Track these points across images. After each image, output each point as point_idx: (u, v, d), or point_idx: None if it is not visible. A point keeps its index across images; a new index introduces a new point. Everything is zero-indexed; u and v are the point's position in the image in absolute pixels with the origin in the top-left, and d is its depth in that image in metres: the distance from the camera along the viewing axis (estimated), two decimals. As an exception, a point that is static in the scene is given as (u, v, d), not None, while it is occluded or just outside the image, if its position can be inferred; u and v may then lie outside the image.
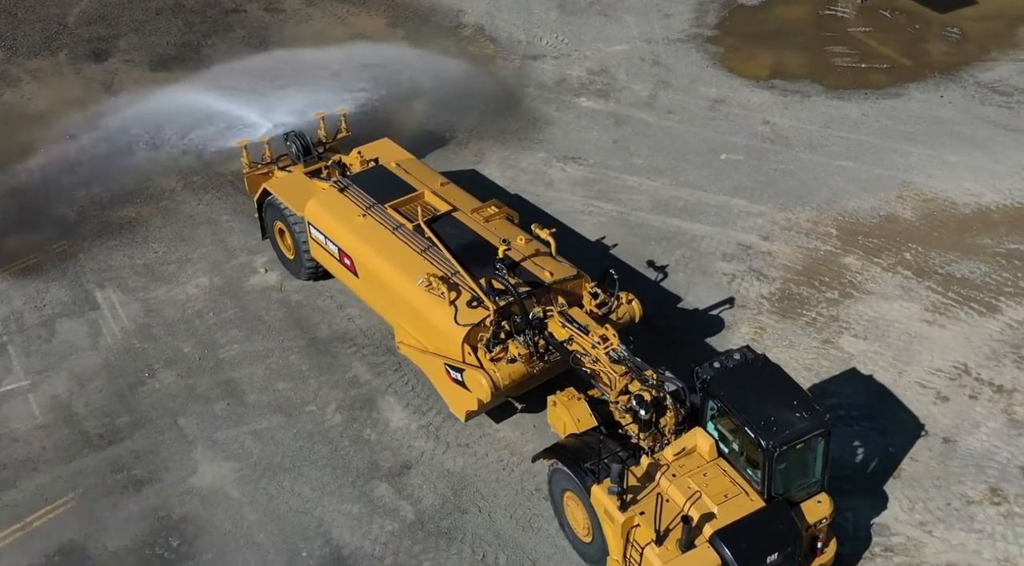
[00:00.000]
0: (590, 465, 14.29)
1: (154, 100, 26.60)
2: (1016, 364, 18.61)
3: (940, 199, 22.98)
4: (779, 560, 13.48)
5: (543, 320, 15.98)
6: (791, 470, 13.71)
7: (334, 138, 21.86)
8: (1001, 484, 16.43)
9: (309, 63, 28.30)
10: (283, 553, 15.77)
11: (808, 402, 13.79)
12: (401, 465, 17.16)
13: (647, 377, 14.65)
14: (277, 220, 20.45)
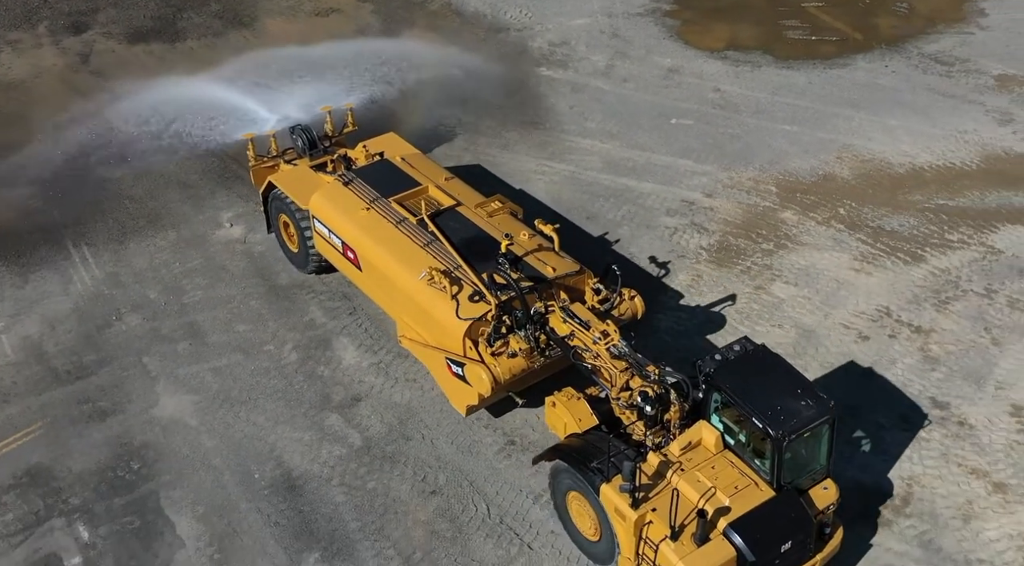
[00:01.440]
0: (597, 464, 14.10)
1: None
2: (935, 307, 19.71)
3: (877, 160, 24.08)
4: (792, 548, 13.45)
5: (544, 315, 15.88)
6: (799, 458, 13.71)
7: (340, 132, 21.89)
8: (911, 413, 17.52)
9: (278, 34, 29.44)
10: (237, 475, 16.82)
11: (811, 389, 13.77)
12: (351, 398, 18.21)
13: (648, 373, 14.63)
14: (282, 213, 20.38)
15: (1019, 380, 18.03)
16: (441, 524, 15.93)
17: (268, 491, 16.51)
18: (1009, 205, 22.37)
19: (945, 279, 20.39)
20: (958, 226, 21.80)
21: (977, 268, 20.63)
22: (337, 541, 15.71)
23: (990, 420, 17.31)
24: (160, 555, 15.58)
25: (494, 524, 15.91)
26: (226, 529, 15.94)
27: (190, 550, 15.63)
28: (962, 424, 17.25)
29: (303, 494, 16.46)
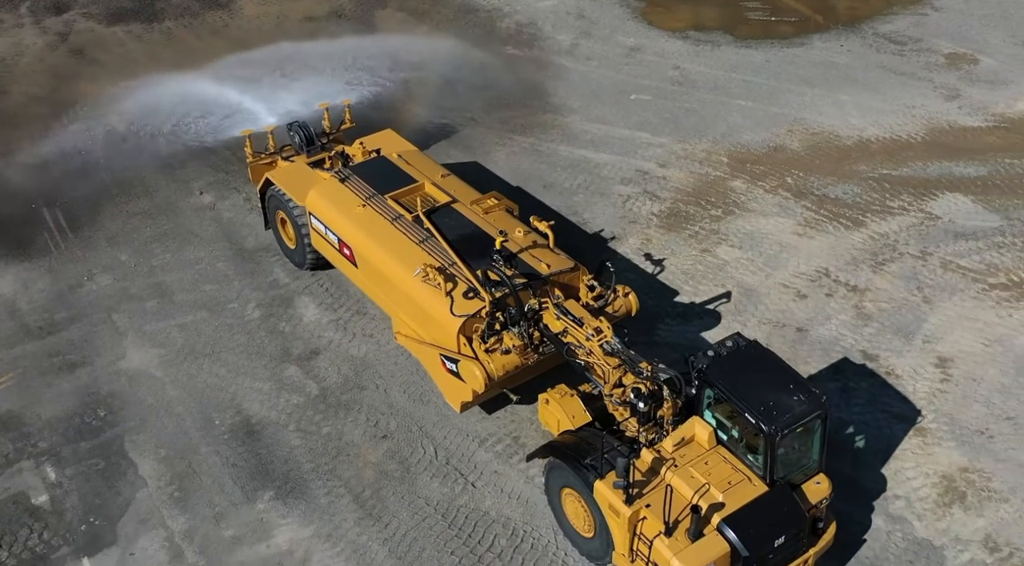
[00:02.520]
0: (591, 461, 14.13)
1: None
2: (872, 268, 20.59)
3: (826, 133, 24.97)
4: (786, 543, 13.50)
5: (538, 312, 15.92)
6: (792, 453, 13.75)
7: (338, 129, 22.00)
8: (842, 364, 18.40)
9: (252, 16, 30.28)
10: (198, 421, 17.65)
11: (804, 384, 13.85)
12: (310, 352, 19.05)
13: (641, 369, 14.65)
14: (279, 210, 20.45)
15: (946, 334, 18.93)
16: (391, 465, 16.79)
17: (227, 436, 17.36)
18: (949, 174, 23.27)
19: (883, 243, 21.27)
20: (899, 194, 22.69)
21: (914, 232, 21.52)
22: (291, 480, 16.56)
23: (916, 371, 18.20)
24: (123, 493, 16.43)
25: (440, 465, 16.77)
26: (186, 470, 16.79)
27: (151, 489, 16.48)
28: (889, 374, 18.14)
29: (260, 439, 17.31)
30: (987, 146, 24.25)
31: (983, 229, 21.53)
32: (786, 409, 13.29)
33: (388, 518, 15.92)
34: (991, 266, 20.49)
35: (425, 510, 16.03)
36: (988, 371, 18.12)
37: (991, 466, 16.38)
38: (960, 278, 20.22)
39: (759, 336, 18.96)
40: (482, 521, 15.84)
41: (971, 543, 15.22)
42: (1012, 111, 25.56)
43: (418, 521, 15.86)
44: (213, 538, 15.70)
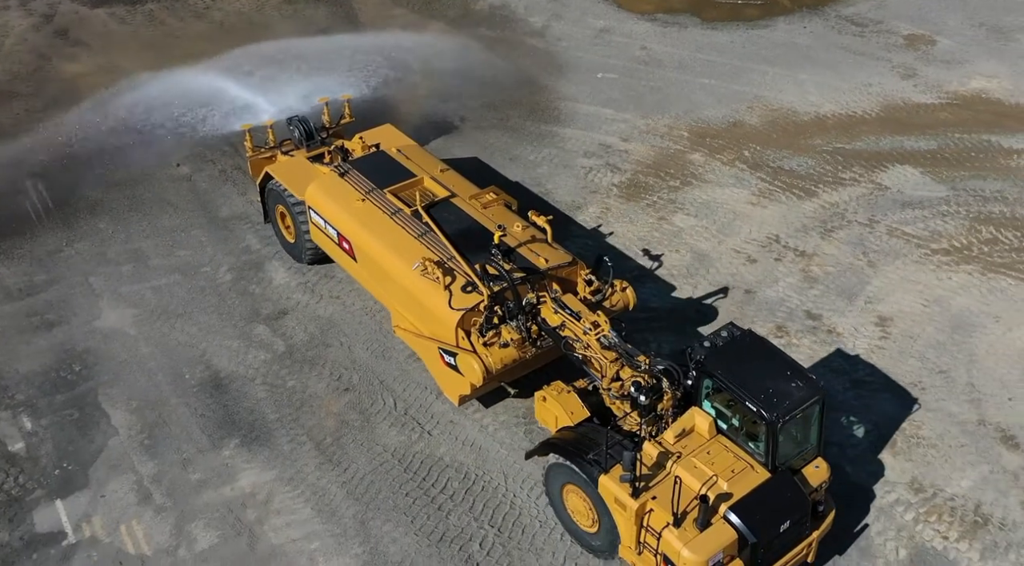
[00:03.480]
0: (594, 456, 14.15)
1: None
2: (820, 235, 21.42)
3: (784, 109, 25.82)
4: (791, 528, 13.62)
5: (536, 306, 15.98)
6: (792, 439, 13.87)
7: (337, 123, 22.10)
8: (786, 323, 19.23)
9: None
10: (169, 376, 18.44)
11: (800, 370, 13.97)
12: (279, 312, 19.85)
13: (639, 362, 14.70)
14: (279, 204, 20.51)
15: (887, 296, 19.76)
16: (352, 415, 17.60)
17: (197, 389, 18.15)
18: (900, 148, 24.11)
19: (833, 211, 22.11)
20: (851, 166, 23.53)
21: (864, 202, 22.36)
22: (256, 429, 17.36)
23: (856, 329, 19.03)
24: (95, 441, 17.22)
25: (399, 415, 17.58)
26: (156, 420, 17.58)
27: (123, 437, 17.26)
28: (831, 332, 18.97)
29: (228, 392, 18.11)
30: (938, 122, 25.10)
31: (929, 199, 22.39)
32: (786, 396, 13.42)
33: (347, 463, 16.72)
34: (935, 233, 21.33)
35: (383, 456, 16.84)
36: (925, 329, 18.96)
37: (921, 415, 17.21)
38: (904, 244, 21.07)
39: (710, 298, 19.82)
40: (437, 466, 16.65)
41: (898, 485, 16.04)
42: (965, 89, 26.42)
43: (376, 466, 16.66)
44: (180, 482, 16.50)
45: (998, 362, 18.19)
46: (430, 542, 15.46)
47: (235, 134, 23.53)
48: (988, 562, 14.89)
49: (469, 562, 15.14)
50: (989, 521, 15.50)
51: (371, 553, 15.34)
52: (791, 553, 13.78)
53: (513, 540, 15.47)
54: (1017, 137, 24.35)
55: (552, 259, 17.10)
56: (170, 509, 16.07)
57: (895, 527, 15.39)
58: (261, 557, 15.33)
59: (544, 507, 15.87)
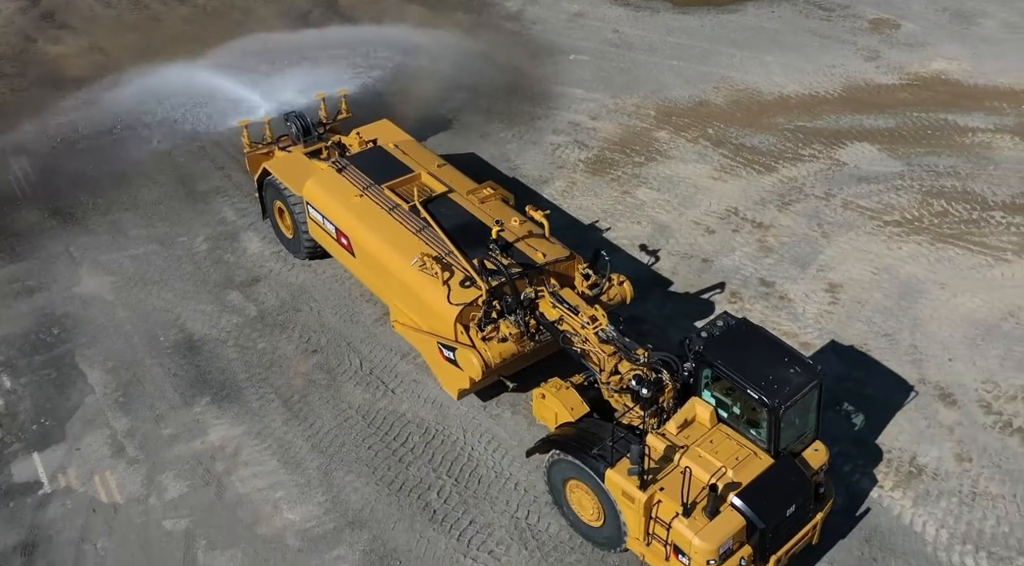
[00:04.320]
0: (598, 451, 14.26)
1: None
2: (778, 208, 22.14)
3: (749, 90, 26.53)
4: (796, 511, 13.83)
5: (534, 300, 16.05)
6: (793, 424, 14.02)
7: (334, 119, 22.12)
8: (740, 289, 19.94)
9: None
10: (144, 338, 19.15)
11: (797, 356, 14.13)
12: (252, 279, 20.54)
13: (637, 356, 14.79)
14: (277, 200, 20.58)
15: (839, 264, 20.48)
16: (319, 375, 18.31)
17: (171, 350, 18.86)
18: (860, 126, 24.84)
19: (791, 186, 22.83)
20: (811, 143, 24.25)
21: (821, 177, 23.08)
22: (227, 388, 18.07)
23: (807, 295, 19.75)
24: (72, 398, 17.92)
25: (364, 374, 18.29)
26: (131, 379, 18.29)
27: (98, 395, 17.97)
28: (782, 298, 19.70)
29: (201, 353, 18.81)
30: (898, 101, 25.83)
31: (885, 174, 23.12)
32: (786, 382, 13.57)
33: (313, 419, 17.44)
34: (888, 205, 22.06)
35: (347, 412, 17.55)
36: (873, 295, 19.69)
37: (865, 375, 17.94)
38: (858, 216, 21.79)
39: (668, 266, 20.56)
40: (399, 421, 17.37)
41: (840, 439, 16.73)
42: (925, 70, 27.15)
43: (340, 421, 17.38)
44: (152, 436, 17.22)
45: (941, 326, 18.92)
46: (390, 491, 16.18)
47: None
48: (920, 509, 15.62)
49: (427, 510, 15.87)
50: (923, 471, 16.23)
51: (333, 501, 16.06)
52: (797, 536, 14.04)
53: (469, 489, 16.20)
54: (972, 116, 25.08)
55: (549, 254, 17.25)
56: (142, 461, 16.79)
57: (835, 478, 16.09)
58: (228, 504, 16.05)
59: (500, 459, 16.63)
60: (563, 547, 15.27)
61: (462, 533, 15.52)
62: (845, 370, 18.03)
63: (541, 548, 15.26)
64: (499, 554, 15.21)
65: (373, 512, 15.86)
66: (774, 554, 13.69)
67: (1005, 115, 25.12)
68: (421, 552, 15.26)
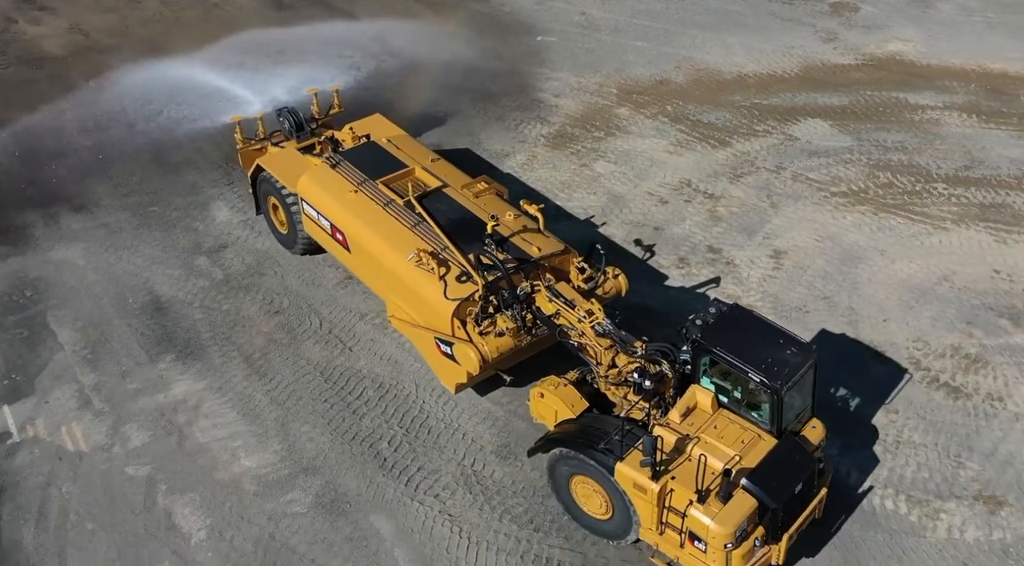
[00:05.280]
0: (606, 445, 14.35)
1: None
2: (730, 180, 22.92)
3: (709, 69, 27.32)
4: (802, 488, 14.07)
5: (531, 294, 16.12)
6: (793, 404, 14.28)
7: (327, 114, 22.06)
8: (688, 255, 20.72)
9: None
10: (114, 300, 19.90)
11: (791, 337, 14.35)
12: (219, 246, 21.30)
13: (635, 349, 14.90)
14: (271, 195, 20.56)
15: (785, 233, 21.26)
16: (280, 334, 19.07)
17: (139, 311, 19.62)
18: (814, 103, 25.64)
19: (744, 159, 23.62)
20: (766, 119, 25.05)
21: (773, 151, 23.87)
22: (191, 346, 18.83)
23: (752, 261, 20.54)
24: (42, 356, 18.67)
25: (324, 334, 19.05)
26: (99, 337, 19.04)
27: (68, 352, 18.72)
28: (728, 263, 20.48)
29: (167, 314, 19.57)
30: (853, 80, 26.63)
31: (835, 148, 23.91)
32: (785, 363, 13.82)
33: (272, 374, 18.20)
34: (835, 178, 22.85)
35: (306, 369, 18.32)
36: (815, 261, 20.48)
37: (802, 331, 18.61)
38: (806, 188, 22.59)
39: (620, 235, 21.34)
40: (355, 377, 18.14)
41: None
42: (881, 51, 27.96)
43: (299, 377, 18.14)
44: (118, 390, 17.97)
45: (878, 289, 19.72)
46: (343, 440, 16.95)
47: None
48: (846, 456, 16.41)
49: (377, 458, 16.64)
50: (850, 422, 17.01)
51: (288, 450, 16.83)
52: (805, 512, 14.30)
53: (419, 439, 16.97)
54: (923, 94, 25.89)
55: (545, 248, 17.29)
56: (107, 413, 17.54)
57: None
58: (188, 453, 16.81)
59: (450, 411, 17.41)
60: (505, 491, 16.07)
61: (410, 479, 16.31)
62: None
63: (485, 492, 16.06)
64: (444, 498, 16.00)
65: (326, 460, 16.64)
66: (786, 532, 13.96)
67: (955, 93, 25.94)
68: (371, 496, 16.05)
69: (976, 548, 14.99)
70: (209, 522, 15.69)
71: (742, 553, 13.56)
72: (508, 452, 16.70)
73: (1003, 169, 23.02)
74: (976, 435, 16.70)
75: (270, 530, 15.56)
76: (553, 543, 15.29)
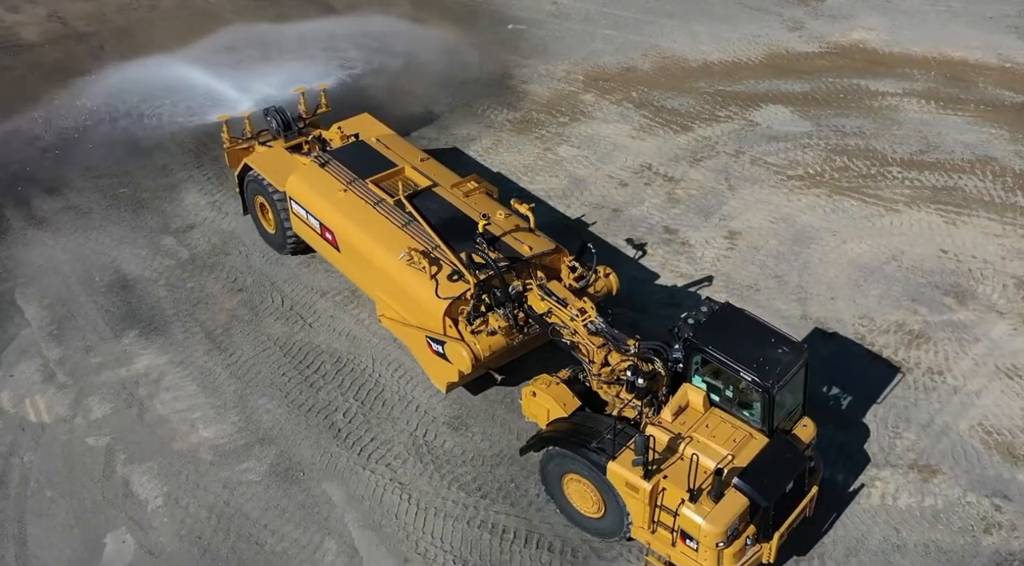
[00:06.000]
0: (598, 444, 14.38)
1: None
2: (689, 164, 23.37)
3: (676, 57, 27.77)
4: (794, 486, 14.15)
5: (522, 293, 16.21)
6: (785, 402, 14.33)
7: (314, 113, 21.95)
8: (645, 236, 21.17)
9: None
10: (81, 279, 20.31)
11: (782, 336, 14.39)
12: (187, 226, 21.72)
13: (628, 347, 14.97)
14: (258, 195, 20.43)
15: (740, 214, 21.71)
16: (242, 311, 19.50)
17: (105, 289, 20.04)
18: (776, 90, 26.10)
19: (705, 144, 24.07)
20: (728, 105, 25.49)
21: (734, 136, 24.32)
22: (155, 322, 19.26)
23: (707, 241, 20.99)
24: (8, 331, 19.09)
25: (285, 310, 19.48)
26: (66, 314, 19.46)
27: (34, 328, 19.14)
28: (683, 244, 20.92)
29: (133, 291, 19.99)
30: (816, 68, 27.09)
31: (794, 133, 24.37)
32: (777, 362, 13.87)
33: (233, 349, 18.63)
34: (793, 161, 23.31)
35: (266, 344, 18.74)
36: (769, 241, 20.93)
37: (753, 309, 19.02)
38: (764, 171, 23.04)
39: (580, 215, 21.76)
40: (313, 352, 18.57)
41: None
42: (845, 40, 28.42)
43: (259, 352, 18.57)
44: (82, 364, 18.39)
45: (828, 268, 20.17)
46: (300, 412, 17.38)
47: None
48: (787, 427, 16.88)
49: (332, 428, 17.08)
50: (795, 395, 17.49)
51: (246, 421, 17.27)
52: (796, 510, 14.36)
53: (373, 411, 17.41)
54: (884, 81, 26.36)
55: (536, 247, 17.32)
56: (70, 386, 17.96)
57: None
58: (148, 424, 17.24)
59: (405, 384, 17.84)
60: (455, 460, 16.51)
61: (363, 448, 16.75)
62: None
63: (435, 461, 16.50)
64: (396, 467, 16.44)
65: (282, 431, 17.08)
66: (777, 530, 14.02)
67: (915, 80, 26.41)
68: (324, 465, 16.49)
69: (908, 514, 15.45)
70: (166, 490, 16.13)
71: (733, 551, 13.69)
72: (460, 423, 17.16)
73: (957, 153, 23.49)
74: (914, 407, 17.17)
75: (225, 497, 16.01)
76: (499, 510, 15.74)
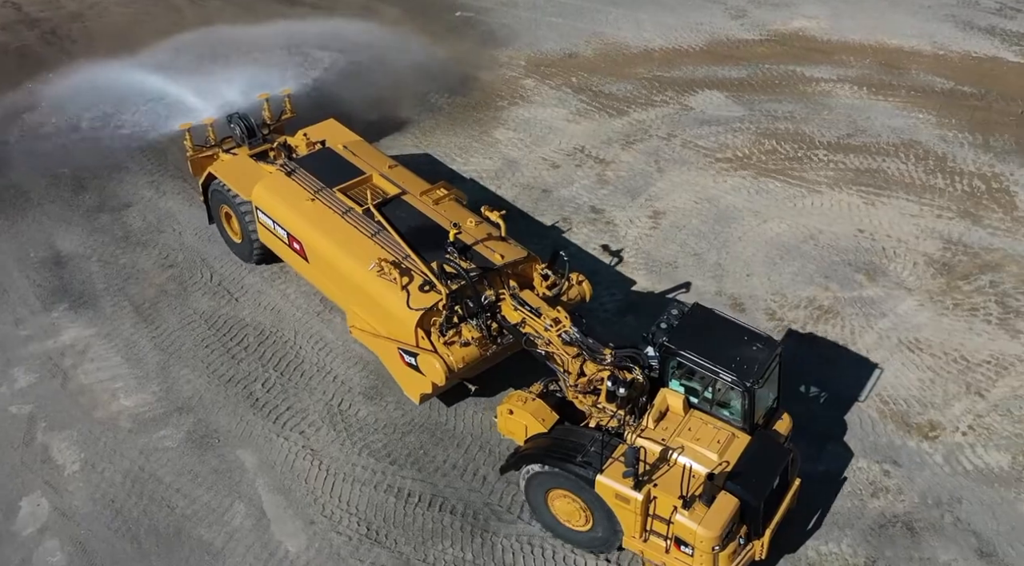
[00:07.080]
0: (584, 458, 14.17)
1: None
2: (622, 147, 23.82)
3: (618, 43, 28.23)
4: (780, 481, 14.19)
5: (496, 303, 16.01)
6: (763, 399, 14.39)
7: (278, 119, 21.55)
8: (572, 215, 21.63)
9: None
10: (16, 255, 20.66)
11: (753, 332, 14.43)
12: (124, 204, 22.11)
13: (603, 356, 14.80)
14: (223, 204, 20.00)
15: (667, 195, 22.18)
16: (171, 286, 19.90)
17: (38, 265, 20.43)
18: (713, 76, 26.56)
19: (639, 128, 24.53)
20: (665, 90, 25.95)
21: (668, 120, 24.78)
22: (84, 296, 19.66)
23: (631, 220, 21.44)
24: (-60, 305, 19.55)
25: (214, 286, 19.89)
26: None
27: (-35, 302, 19.60)
28: (608, 223, 21.38)
29: (65, 267, 20.39)
30: (754, 55, 27.57)
31: (727, 117, 24.84)
32: (753, 360, 13.90)
33: (160, 322, 19.04)
34: (723, 145, 23.78)
35: (192, 318, 19.16)
36: (691, 221, 21.40)
37: (668, 285, 19.66)
38: (694, 154, 23.50)
39: (510, 195, 22.21)
40: (238, 325, 18.99)
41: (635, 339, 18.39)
42: (786, 28, 28.91)
43: (184, 325, 18.99)
44: (10, 337, 18.79)
45: (746, 247, 20.64)
46: (219, 382, 17.81)
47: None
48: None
49: (250, 398, 17.51)
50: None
51: (167, 390, 17.68)
52: (783, 504, 14.44)
53: (292, 381, 17.84)
54: (820, 68, 26.84)
55: (507, 255, 17.00)
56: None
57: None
58: (70, 393, 17.65)
59: (325, 356, 18.27)
60: (367, 428, 16.96)
61: (279, 417, 17.18)
62: (650, 283, 19.73)
63: (348, 429, 16.94)
64: (309, 434, 16.88)
65: (201, 400, 17.50)
66: (768, 526, 14.09)
67: (849, 67, 26.90)
68: (239, 432, 16.91)
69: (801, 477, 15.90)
70: (83, 456, 16.54)
71: (728, 553, 13.76)
72: (375, 393, 17.59)
73: (883, 137, 23.98)
74: (817, 378, 17.64)
75: (140, 463, 16.43)
76: (407, 475, 16.19)
